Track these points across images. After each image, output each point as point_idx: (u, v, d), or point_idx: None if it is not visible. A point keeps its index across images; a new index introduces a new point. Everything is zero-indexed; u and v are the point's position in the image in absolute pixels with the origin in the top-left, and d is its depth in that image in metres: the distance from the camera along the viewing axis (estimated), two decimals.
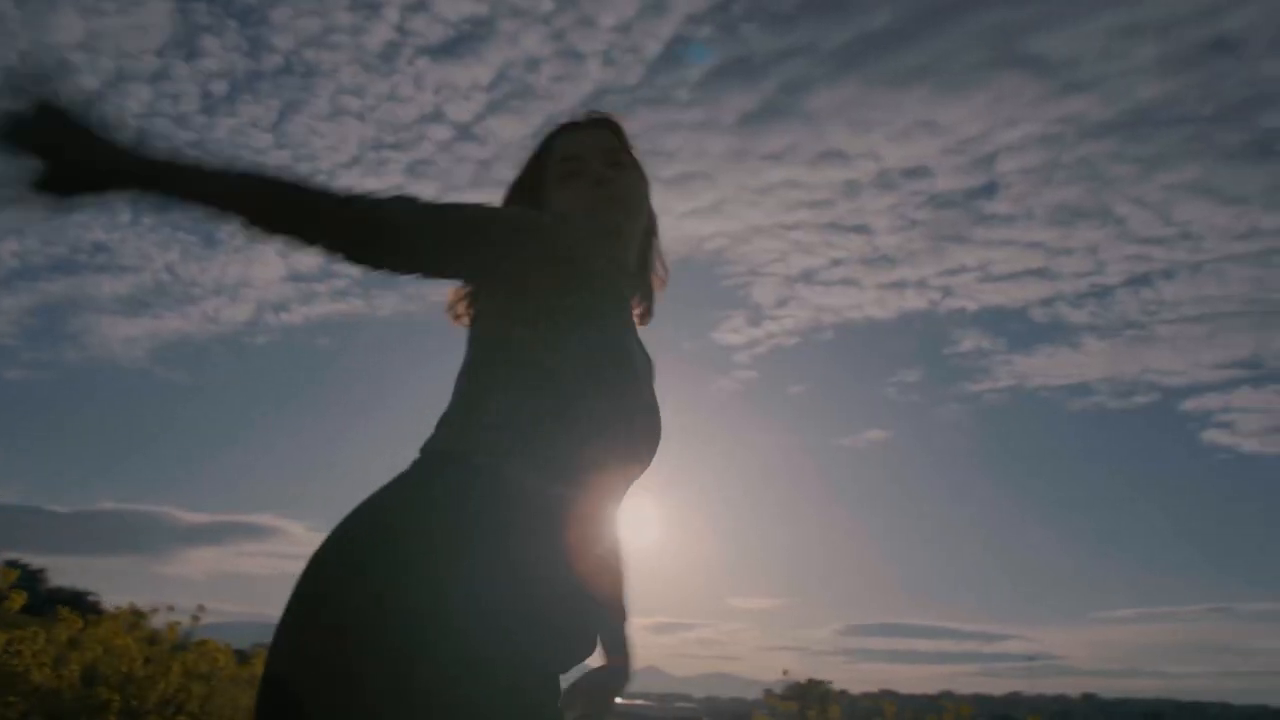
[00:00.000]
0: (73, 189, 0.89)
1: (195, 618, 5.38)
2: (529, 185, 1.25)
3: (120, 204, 0.91)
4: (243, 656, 6.35)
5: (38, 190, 0.88)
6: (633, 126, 1.28)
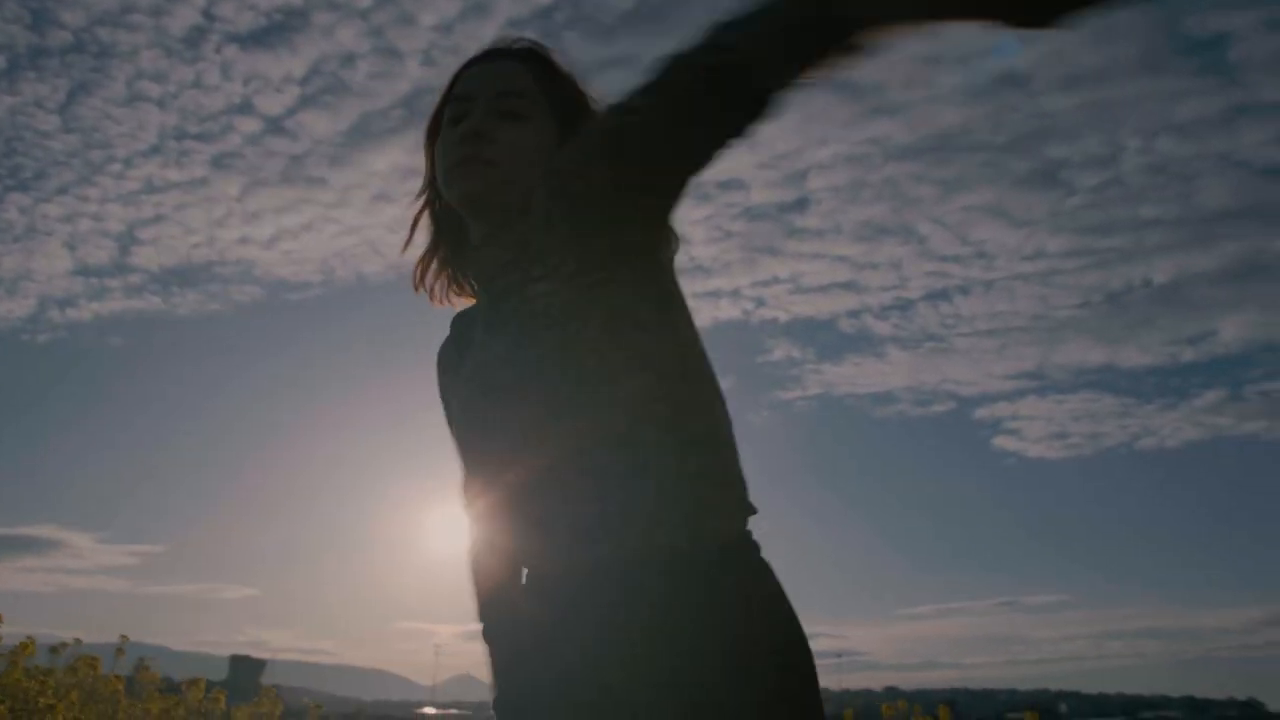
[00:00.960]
0: None
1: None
2: (430, 130, 1.10)
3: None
4: None
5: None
6: None
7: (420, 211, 1.15)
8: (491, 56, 1.09)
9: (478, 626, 1.09)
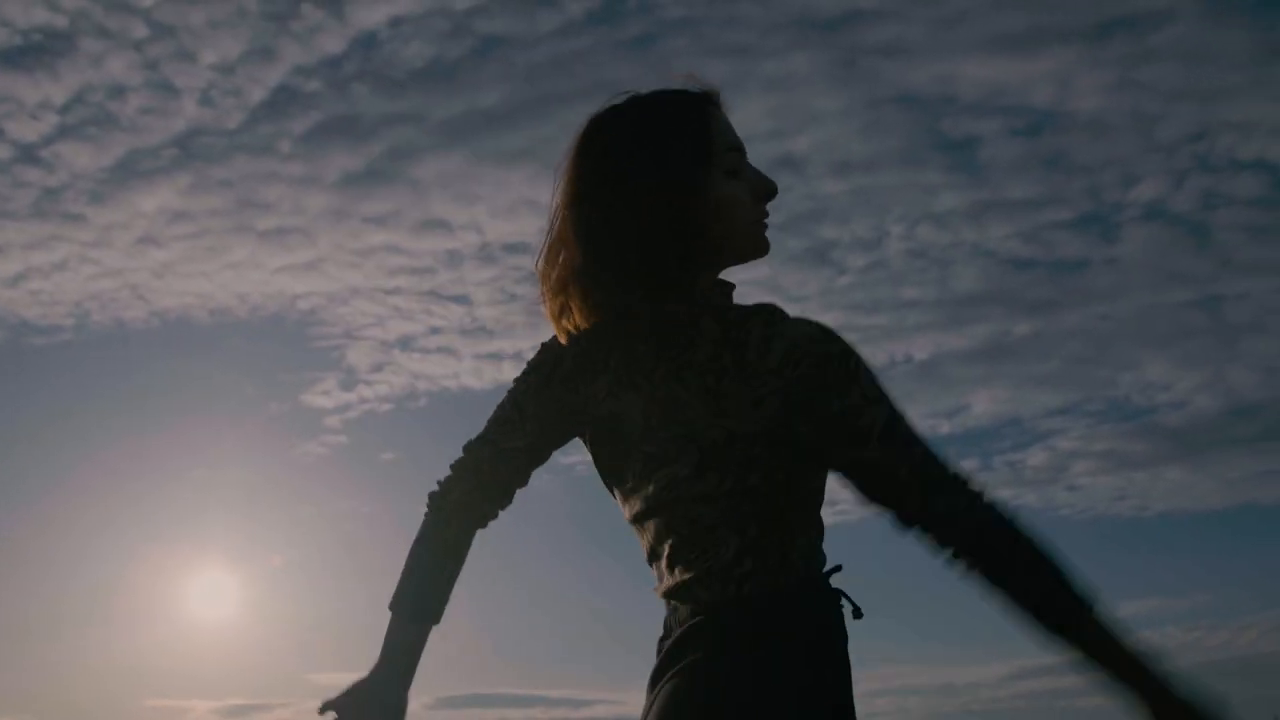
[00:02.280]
0: None
1: None
2: (691, 158, 0.99)
3: None
4: None
5: None
6: (228, 173, 1.08)
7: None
8: (718, 103, 1.05)
9: (248, 702, 1.12)
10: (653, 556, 1.02)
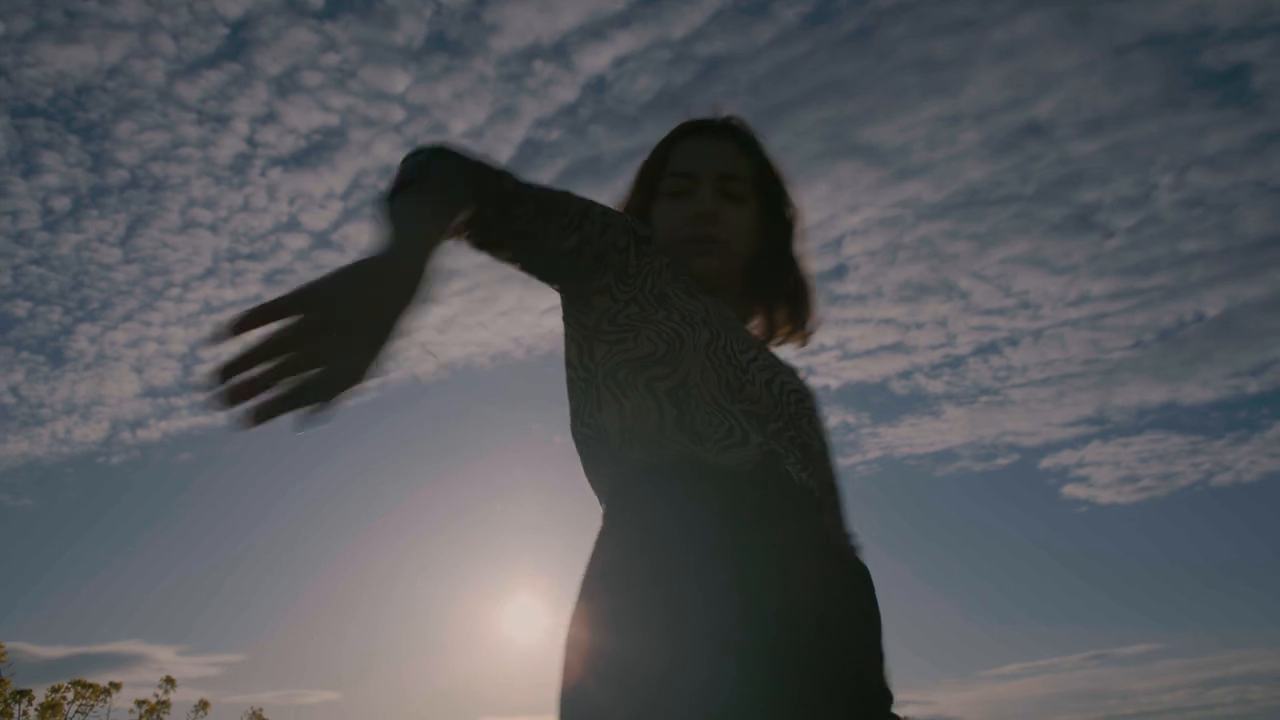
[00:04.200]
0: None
1: None
2: (642, 188, 1.17)
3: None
4: None
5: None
6: None
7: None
8: (704, 131, 1.16)
9: None
10: None
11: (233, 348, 0.62)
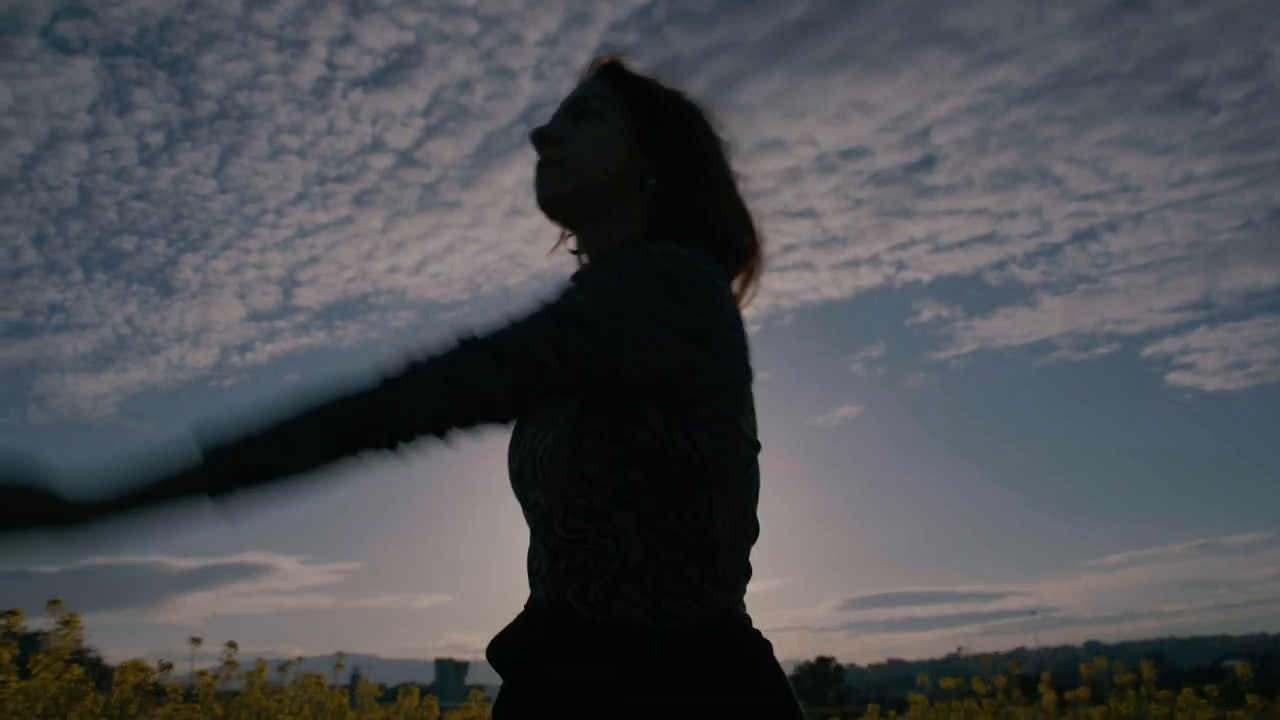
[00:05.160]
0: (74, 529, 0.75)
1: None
2: None
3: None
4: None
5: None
6: None
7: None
8: (583, 72, 1.10)
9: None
10: None
11: None
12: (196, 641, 4.59)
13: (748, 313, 1.00)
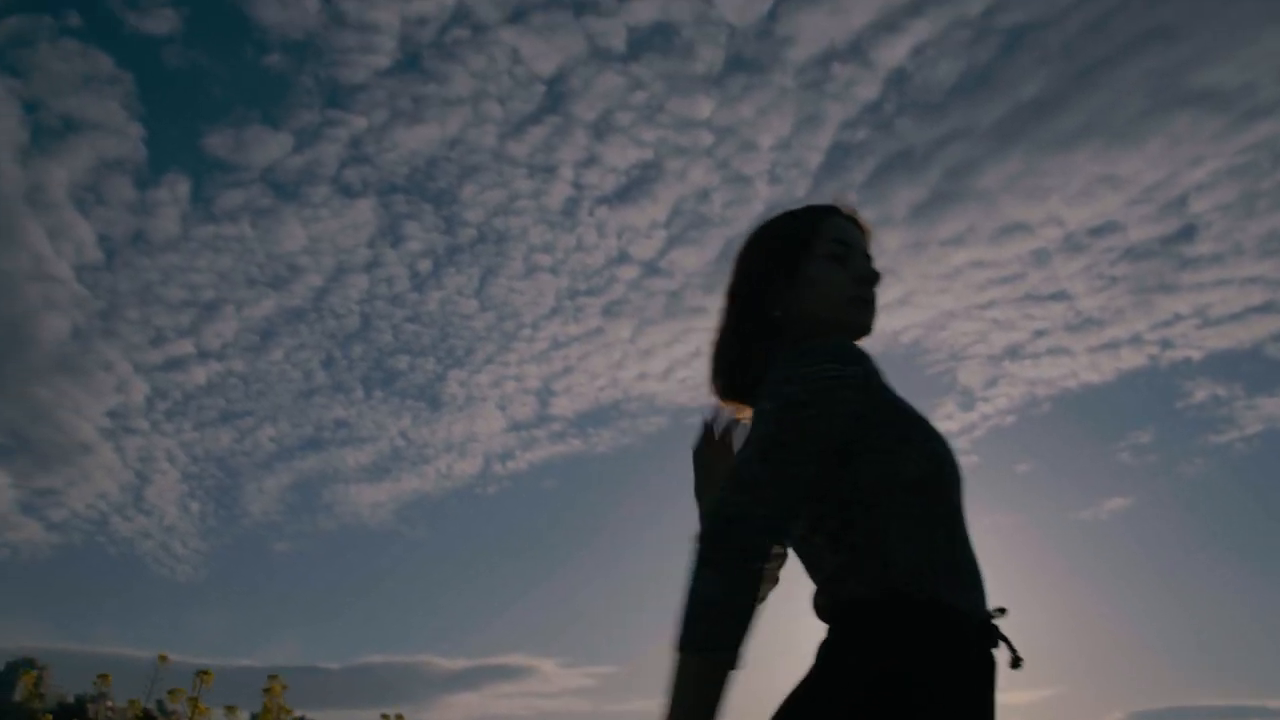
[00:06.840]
0: None
1: None
2: (787, 248, 1.25)
3: None
4: None
5: None
6: None
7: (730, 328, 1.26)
8: (849, 218, 1.28)
9: None
10: None
11: None
12: None
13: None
